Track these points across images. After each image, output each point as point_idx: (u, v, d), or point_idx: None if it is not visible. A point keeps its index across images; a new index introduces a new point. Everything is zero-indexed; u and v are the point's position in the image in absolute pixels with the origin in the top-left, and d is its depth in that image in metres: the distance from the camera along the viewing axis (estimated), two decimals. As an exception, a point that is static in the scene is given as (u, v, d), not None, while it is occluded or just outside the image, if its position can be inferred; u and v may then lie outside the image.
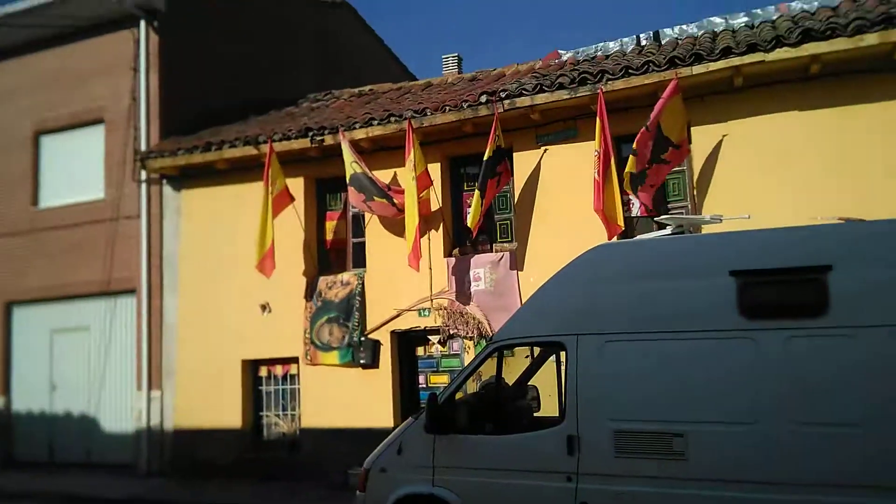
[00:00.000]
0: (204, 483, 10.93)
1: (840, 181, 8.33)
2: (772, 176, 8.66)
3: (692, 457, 5.04)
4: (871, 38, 8.02)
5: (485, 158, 9.38)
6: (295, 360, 11.38)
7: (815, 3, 10.37)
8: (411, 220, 9.66)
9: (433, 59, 45.06)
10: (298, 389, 11.31)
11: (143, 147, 12.78)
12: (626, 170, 8.55)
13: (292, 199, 11.26)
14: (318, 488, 10.17)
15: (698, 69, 8.73)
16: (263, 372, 11.78)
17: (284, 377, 11.61)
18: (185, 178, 12.45)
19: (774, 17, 10.47)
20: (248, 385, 11.68)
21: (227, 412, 11.51)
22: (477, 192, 9.32)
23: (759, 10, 10.86)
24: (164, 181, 12.67)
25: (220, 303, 11.77)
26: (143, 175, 12.71)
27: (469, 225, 9.41)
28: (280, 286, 11.32)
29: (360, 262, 11.25)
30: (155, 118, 12.90)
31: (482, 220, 9.56)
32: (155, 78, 12.93)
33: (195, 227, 12.27)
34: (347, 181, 10.49)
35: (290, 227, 11.36)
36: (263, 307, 11.50)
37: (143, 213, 12.67)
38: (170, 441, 11.95)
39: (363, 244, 11.23)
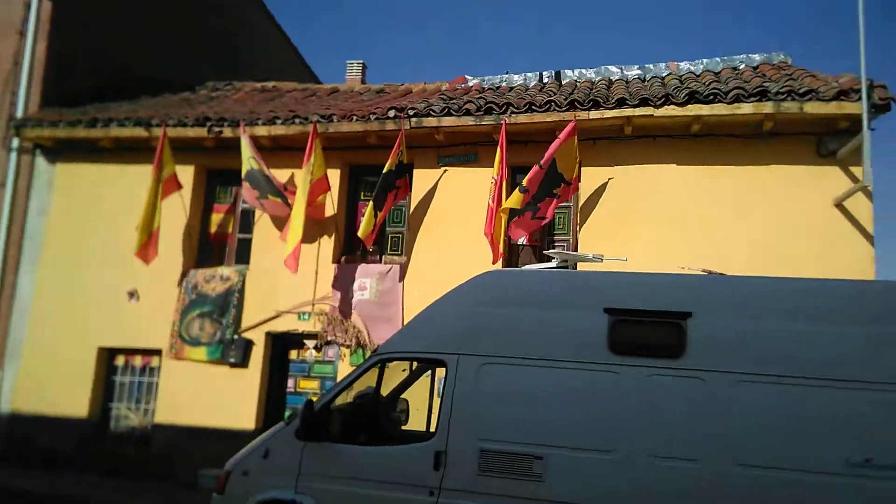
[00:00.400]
0: (41, 472, 10.20)
1: (706, 235, 9.06)
2: (648, 222, 9.30)
3: (550, 479, 5.28)
4: (746, 108, 8.84)
5: (384, 171, 9.48)
6: (157, 352, 10.89)
7: (701, 67, 11.36)
8: (297, 221, 9.56)
9: (336, 63, 44.75)
10: (157, 383, 10.82)
11: (19, 114, 11.90)
12: (508, 203, 8.92)
13: (179, 186, 10.86)
14: (165, 487, 9.78)
15: (595, 115, 9.27)
16: (120, 361, 11.18)
17: (143, 369, 11.07)
18: (63, 151, 11.71)
19: (664, 74, 11.34)
20: (101, 374, 11.04)
21: (73, 400, 10.80)
22: (371, 204, 9.39)
23: (650, 66, 11.72)
24: (38, 152, 11.84)
25: (84, 286, 11.10)
26: (16, 143, 11.83)
27: (360, 235, 9.44)
28: (152, 274, 10.84)
29: (243, 258, 10.99)
30: (37, 86, 12.07)
31: (376, 231, 9.63)
32: (42, 45, 12.12)
33: (67, 204, 11.54)
34: (243, 176, 10.26)
35: (173, 216, 10.93)
36: (131, 294, 10.96)
37: (9, 182, 11.78)
38: (5, 424, 11.06)
39: (249, 241, 10.98)
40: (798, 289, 5.45)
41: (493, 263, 8.93)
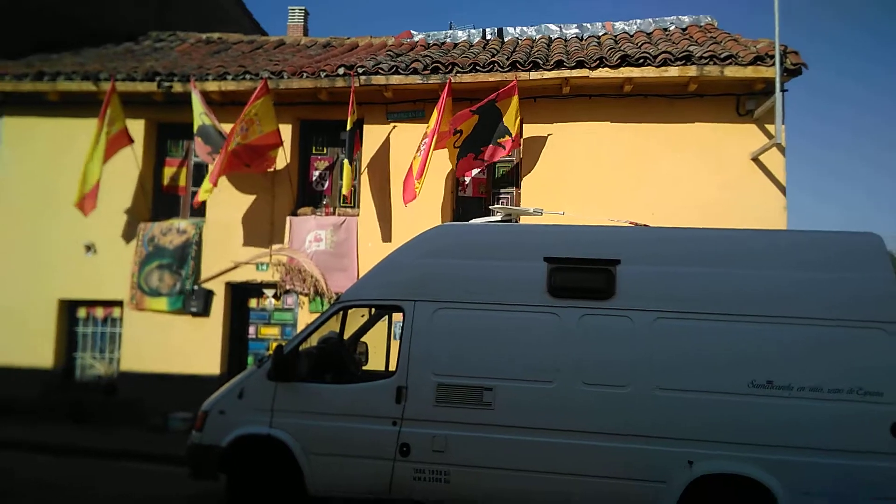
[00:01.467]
0: (4, 422, 10.50)
1: (637, 188, 9.89)
2: (583, 176, 10.05)
3: (498, 406, 6.05)
4: (673, 71, 9.57)
5: (347, 129, 9.87)
6: (118, 303, 11.23)
7: (634, 27, 12.04)
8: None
9: (276, 7, 43.64)
10: (120, 333, 11.19)
11: (-40, 67, 11.68)
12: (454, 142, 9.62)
13: (131, 140, 11.00)
14: (135, 432, 10.22)
15: (535, 75, 9.86)
16: (82, 313, 11.46)
17: (105, 320, 11.39)
18: (9, 104, 11.64)
19: (601, 34, 11.98)
20: (64, 325, 11.33)
21: (36, 351, 11.10)
22: (345, 161, 9.82)
23: (588, 25, 12.35)
24: (-17, 105, 11.73)
25: (40, 239, 11.26)
26: (-41, 97, 11.68)
27: (344, 192, 10.01)
28: (108, 228, 11.13)
29: (198, 211, 11.28)
30: (-24, 38, 11.83)
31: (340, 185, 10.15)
32: (-21, -8, 11.83)
33: (17, 158, 11.56)
34: (195, 132, 10.49)
35: (126, 170, 11.14)
36: (88, 247, 11.19)
37: (-46, 135, 11.65)
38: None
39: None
40: (709, 237, 6.29)
41: (406, 203, 9.60)
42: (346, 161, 9.85)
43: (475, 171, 10.17)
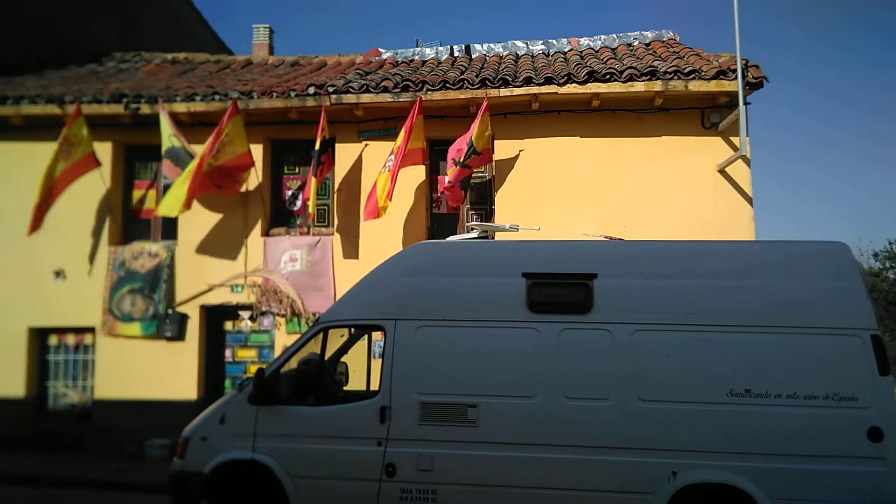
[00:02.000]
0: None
1: (607, 201, 10.07)
2: (556, 190, 10.20)
3: (483, 423, 6.09)
4: (639, 86, 9.80)
5: (316, 149, 9.86)
6: (90, 329, 11.04)
7: (599, 43, 12.30)
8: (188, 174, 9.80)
9: (239, 24, 43.42)
10: (93, 360, 10.99)
11: (-83, 90, 11.42)
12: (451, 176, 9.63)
13: (98, 164, 10.85)
14: (112, 460, 10.05)
15: (504, 92, 10.01)
16: (53, 341, 11.24)
17: (77, 347, 11.19)
18: (-29, 128, 11.40)
19: (566, 50, 12.21)
20: (34, 354, 11.10)
21: (7, 381, 10.85)
22: (313, 179, 9.77)
23: (554, 41, 12.58)
24: (-59, 130, 11.48)
25: (6, 266, 11.03)
26: (-84, 122, 11.41)
27: (310, 211, 9.90)
28: (78, 253, 10.97)
29: (170, 234, 11.17)
30: (-66, 62, 11.59)
31: (305, 204, 10.10)
32: (-64, 13, 11.61)
33: (-22, 184, 11.31)
34: (163, 153, 10.41)
35: (94, 193, 11.01)
36: (57, 273, 11.00)
37: (-87, 162, 11.37)
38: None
39: (174, 217, 11.14)
40: (684, 250, 6.44)
41: (365, 220, 9.75)
42: (313, 181, 9.78)
43: (444, 188, 10.19)
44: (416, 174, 10.46)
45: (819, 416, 5.67)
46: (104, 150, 11.12)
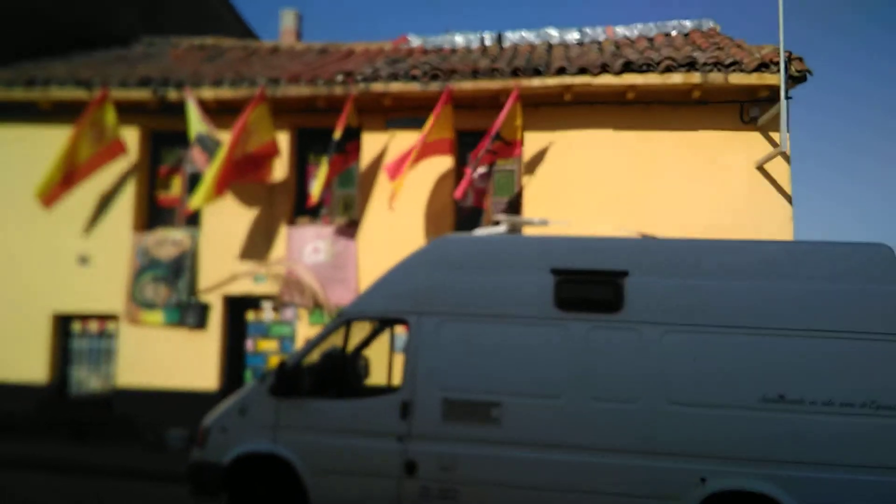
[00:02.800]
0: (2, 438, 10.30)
1: (641, 196, 9.77)
2: (587, 184, 9.93)
3: (506, 423, 5.91)
4: (676, 77, 9.48)
5: (335, 137, 9.72)
6: (113, 316, 11.02)
7: (636, 32, 11.96)
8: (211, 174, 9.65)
9: (266, 9, 43.38)
10: (115, 347, 10.99)
11: (-50, 74, 11.50)
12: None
13: (125, 150, 10.82)
14: (132, 448, 10.03)
15: (536, 82, 9.74)
16: (77, 327, 11.25)
17: (100, 334, 11.19)
18: (-1, 112, 11.44)
19: (602, 39, 11.90)
20: (58, 340, 11.12)
21: (30, 367, 10.88)
22: (324, 167, 9.63)
23: (588, 30, 12.25)
24: (-30, 114, 11.55)
25: (32, 251, 11.05)
26: (-53, 106, 11.49)
27: (313, 196, 9.72)
28: (102, 239, 10.96)
29: (193, 221, 11.10)
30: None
31: (325, 192, 9.95)
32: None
33: (8, 167, 11.36)
34: (191, 140, 10.33)
35: (119, 179, 10.96)
36: (82, 259, 10.99)
37: (-58, 146, 11.45)
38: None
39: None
40: (719, 248, 6.16)
41: (391, 205, 9.51)
42: (324, 167, 9.62)
43: (466, 185, 9.96)
44: (442, 165, 10.24)
45: (856, 425, 5.40)
46: (130, 135, 11.10)
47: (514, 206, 10.46)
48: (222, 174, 9.60)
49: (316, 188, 9.67)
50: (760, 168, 9.57)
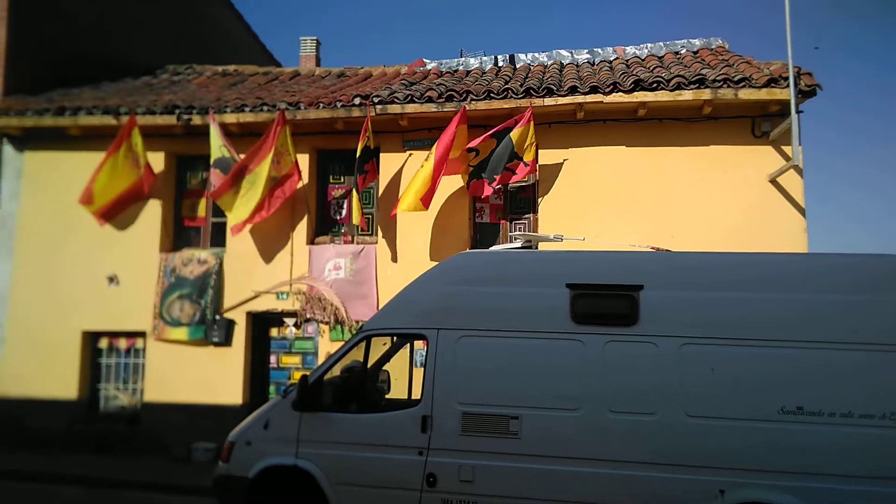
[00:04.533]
0: (33, 454, 10.54)
1: (654, 211, 9.90)
2: (601, 200, 10.09)
3: (525, 436, 6.03)
4: (687, 94, 9.63)
5: (357, 156, 9.98)
6: (141, 334, 11.32)
7: (645, 52, 12.14)
8: (256, 191, 10.22)
9: (287, 37, 44.33)
10: (143, 364, 11.27)
11: (-17, 104, 11.97)
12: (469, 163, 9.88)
13: (154, 177, 11.19)
14: (159, 462, 10.27)
15: (549, 101, 9.96)
16: (104, 344, 11.56)
17: (129, 351, 11.49)
18: (31, 139, 11.87)
19: (612, 59, 12.09)
20: (87, 357, 11.43)
21: (61, 383, 11.18)
22: (354, 191, 9.94)
23: (599, 50, 12.47)
24: (5, 140, 11.96)
25: (63, 271, 11.40)
26: (-18, 133, 11.95)
27: (354, 222, 10.07)
28: (131, 259, 11.28)
29: (218, 241, 11.41)
30: (-1, 74, 12.13)
31: (350, 213, 10.28)
32: (2, 31, 12.12)
33: (38, 191, 11.75)
34: (212, 163, 10.65)
35: (147, 201, 11.31)
36: (111, 279, 11.31)
37: (-23, 171, 11.90)
38: (-7, 409, 11.38)
39: (223, 224, 11.38)
40: (733, 261, 6.28)
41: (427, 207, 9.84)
42: (354, 192, 9.95)
43: (488, 193, 10.19)
44: (458, 182, 10.45)
45: (875, 437, 5.46)
46: (157, 159, 11.44)
47: (530, 223, 10.64)
48: (266, 205, 10.32)
49: (355, 212, 9.92)
50: (773, 181, 9.68)
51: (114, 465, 10.04)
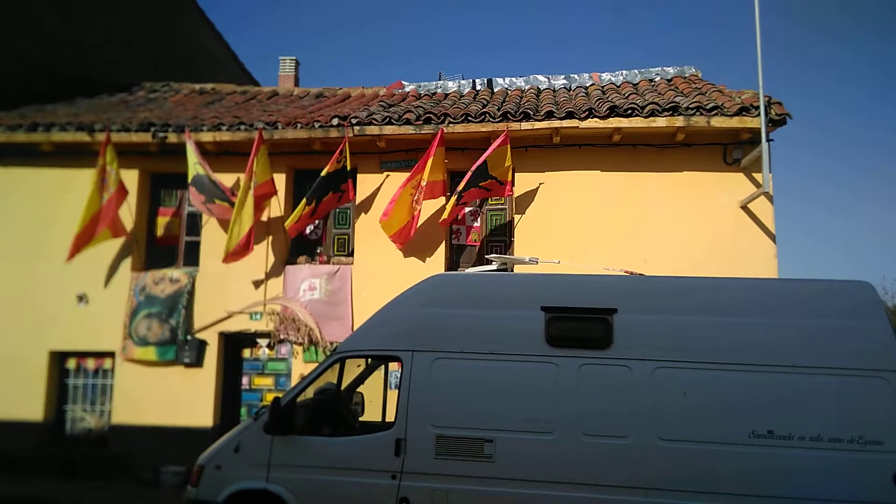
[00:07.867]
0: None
1: (628, 235, 10.01)
2: (576, 224, 10.17)
3: (499, 459, 6.00)
4: (660, 121, 9.80)
5: (321, 174, 10.00)
6: (110, 354, 11.11)
7: (621, 78, 12.35)
8: (247, 219, 10.08)
9: (267, 57, 44.33)
10: (111, 385, 11.05)
11: (-47, 119, 11.78)
12: (446, 214, 9.88)
13: (126, 192, 11.04)
14: (126, 486, 10.02)
15: (525, 125, 10.06)
16: (72, 364, 11.32)
17: (96, 371, 11.26)
18: (3, 155, 11.71)
19: (588, 85, 12.28)
20: (54, 377, 11.18)
21: (27, 404, 10.92)
22: (304, 199, 9.97)
23: (575, 76, 12.66)
24: (-26, 156, 11.79)
25: (32, 289, 11.19)
26: (-49, 148, 11.73)
27: (285, 226, 10.07)
28: (101, 278, 11.11)
29: (191, 260, 11.28)
30: (-33, 91, 11.96)
31: (301, 226, 10.31)
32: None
33: (9, 208, 11.55)
34: (189, 181, 10.56)
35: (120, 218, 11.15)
36: (80, 298, 11.12)
37: (-56, 187, 11.66)
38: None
39: (197, 243, 11.29)
40: (706, 286, 6.36)
41: (400, 247, 10.15)
42: (304, 200, 10.02)
43: (463, 213, 10.22)
44: (435, 205, 10.49)
45: (843, 460, 5.52)
46: (130, 177, 11.32)
47: (506, 245, 10.68)
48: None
49: (291, 217, 9.93)
50: (745, 207, 9.84)
51: (79, 488, 9.77)
